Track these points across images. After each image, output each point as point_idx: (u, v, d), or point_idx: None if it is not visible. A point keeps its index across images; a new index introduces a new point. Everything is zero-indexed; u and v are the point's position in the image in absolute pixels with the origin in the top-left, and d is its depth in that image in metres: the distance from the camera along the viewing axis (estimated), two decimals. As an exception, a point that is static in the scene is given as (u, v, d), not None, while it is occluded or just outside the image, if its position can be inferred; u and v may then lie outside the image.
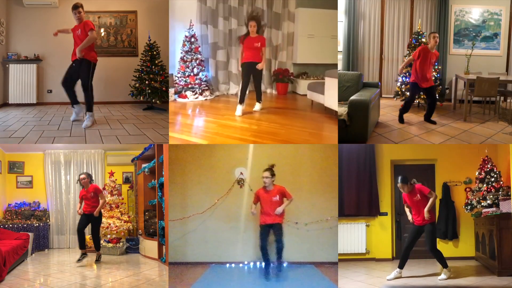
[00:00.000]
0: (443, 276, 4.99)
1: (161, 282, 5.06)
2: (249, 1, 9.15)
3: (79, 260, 6.15)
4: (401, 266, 5.18)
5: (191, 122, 6.81)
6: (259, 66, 6.72)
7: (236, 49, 9.02)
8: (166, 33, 8.24)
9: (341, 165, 6.38)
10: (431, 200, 4.99)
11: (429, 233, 5.06)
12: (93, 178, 6.74)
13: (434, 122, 6.85)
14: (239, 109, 6.79)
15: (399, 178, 5.10)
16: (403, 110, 6.90)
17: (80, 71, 6.08)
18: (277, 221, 4.92)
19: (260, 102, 7.18)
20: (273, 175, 4.97)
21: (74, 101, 6.39)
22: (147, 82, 7.96)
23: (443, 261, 5.07)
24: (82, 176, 6.34)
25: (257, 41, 6.68)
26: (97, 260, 6.40)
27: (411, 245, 5.19)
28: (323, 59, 9.38)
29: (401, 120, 6.89)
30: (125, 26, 9.06)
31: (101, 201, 6.29)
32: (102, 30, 8.98)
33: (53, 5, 8.51)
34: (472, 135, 6.27)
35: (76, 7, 6.06)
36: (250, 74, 6.81)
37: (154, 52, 8.06)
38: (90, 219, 6.31)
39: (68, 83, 6.22)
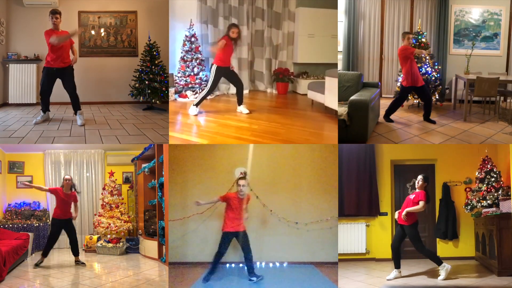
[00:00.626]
0: (441, 276, 4.98)
1: (161, 282, 5.07)
2: (249, 0, 9.15)
3: (36, 266, 5.99)
4: (397, 266, 5.21)
5: (192, 121, 6.80)
6: (232, 67, 6.81)
7: (237, 49, 9.02)
8: (166, 33, 8.25)
9: (341, 165, 6.38)
10: (418, 206, 5.03)
11: (409, 235, 5.16)
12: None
13: (433, 122, 6.86)
14: (194, 109, 6.81)
15: (424, 176, 5.17)
16: (391, 111, 7.00)
17: (67, 78, 6.32)
18: (243, 229, 4.83)
19: (243, 104, 6.96)
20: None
21: (48, 107, 6.63)
22: (147, 82, 7.96)
23: (435, 259, 5.09)
24: (68, 177, 6.28)
25: (233, 52, 6.70)
26: (83, 263, 6.24)
27: (396, 244, 5.27)
28: (323, 59, 9.38)
29: (388, 119, 6.97)
30: (125, 26, 9.06)
31: (75, 206, 6.30)
32: (102, 30, 8.99)
33: (53, 5, 8.47)
34: (472, 135, 6.27)
35: (54, 13, 6.17)
36: (221, 77, 6.80)
37: (154, 52, 8.07)
38: (66, 225, 6.23)
39: (50, 92, 6.44)
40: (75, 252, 6.32)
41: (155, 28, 8.51)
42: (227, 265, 5.72)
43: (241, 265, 5.61)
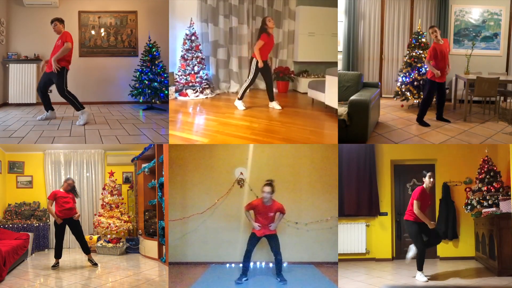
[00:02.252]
0: (425, 278, 4.93)
1: (161, 282, 5.07)
2: (249, -1, 9.17)
3: (54, 267, 5.91)
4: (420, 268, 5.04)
5: (192, 120, 6.81)
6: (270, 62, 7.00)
7: (237, 47, 9.07)
8: (167, 33, 8.24)
9: (341, 165, 6.38)
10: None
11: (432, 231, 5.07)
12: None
13: (447, 121, 6.81)
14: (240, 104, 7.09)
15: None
16: (423, 112, 6.76)
17: (54, 79, 6.29)
18: (272, 232, 4.94)
19: (275, 101, 7.29)
20: (273, 191, 4.87)
21: (48, 106, 6.72)
22: (147, 82, 7.96)
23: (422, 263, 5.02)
24: (71, 181, 6.17)
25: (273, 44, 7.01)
26: (95, 264, 6.16)
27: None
28: (323, 57, 9.38)
29: (424, 123, 6.72)
30: (125, 26, 9.05)
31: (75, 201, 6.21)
32: (102, 30, 8.99)
33: (53, 5, 8.51)
34: (472, 135, 6.27)
35: (52, 22, 6.28)
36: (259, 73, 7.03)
37: (154, 52, 8.07)
38: (68, 224, 6.10)
39: (41, 90, 6.51)
40: (85, 250, 6.23)
41: (155, 28, 8.51)
42: (227, 265, 5.72)
43: (240, 265, 5.61)
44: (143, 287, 4.84)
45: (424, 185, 5.08)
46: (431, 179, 5.07)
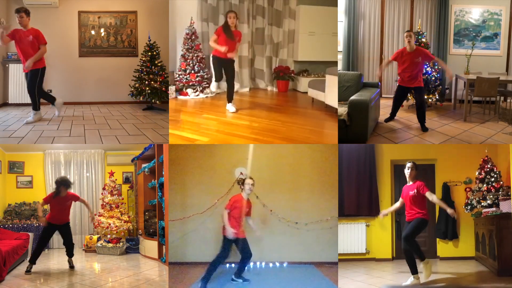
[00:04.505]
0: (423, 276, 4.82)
1: (161, 282, 5.07)
2: (249, -2, 9.17)
3: (28, 272, 5.58)
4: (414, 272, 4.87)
5: (192, 119, 6.81)
6: (230, 55, 6.52)
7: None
8: (166, 33, 8.25)
9: (341, 165, 6.38)
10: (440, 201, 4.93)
11: (414, 223, 4.86)
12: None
13: (425, 129, 6.49)
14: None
15: (411, 163, 4.95)
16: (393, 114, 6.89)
17: (27, 77, 6.20)
18: (242, 235, 4.70)
19: (231, 103, 6.91)
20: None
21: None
22: (147, 82, 7.96)
23: (419, 253, 4.86)
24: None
25: (235, 35, 6.57)
26: (72, 267, 5.97)
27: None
28: (324, 57, 9.39)
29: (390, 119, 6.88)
30: (125, 26, 9.05)
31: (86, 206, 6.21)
32: (102, 30, 8.99)
33: (53, 5, 8.51)
34: (472, 135, 6.27)
35: (18, 11, 6.02)
36: (221, 68, 6.77)
37: (154, 52, 8.07)
38: (61, 229, 5.95)
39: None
40: (71, 253, 6.10)
41: (155, 28, 8.51)
42: (227, 265, 5.72)
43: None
44: (143, 287, 4.84)
45: None
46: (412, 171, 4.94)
